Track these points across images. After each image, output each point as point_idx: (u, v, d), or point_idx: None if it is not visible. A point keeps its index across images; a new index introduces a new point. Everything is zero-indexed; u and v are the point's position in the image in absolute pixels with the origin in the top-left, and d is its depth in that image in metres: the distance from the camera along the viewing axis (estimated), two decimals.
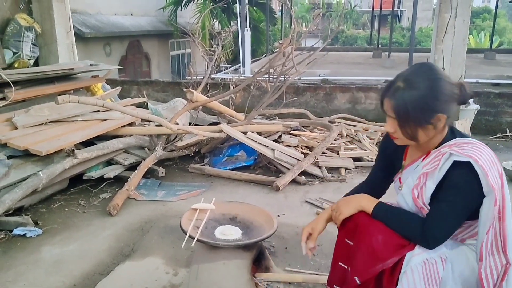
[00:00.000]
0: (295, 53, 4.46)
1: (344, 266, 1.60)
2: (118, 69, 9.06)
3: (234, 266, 1.98)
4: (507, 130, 5.29)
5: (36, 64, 5.63)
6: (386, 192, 1.83)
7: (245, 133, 4.01)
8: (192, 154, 4.28)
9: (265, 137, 4.14)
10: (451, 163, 1.39)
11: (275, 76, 4.71)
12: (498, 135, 5.30)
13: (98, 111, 4.05)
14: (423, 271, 1.39)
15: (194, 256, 2.11)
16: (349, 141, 4.61)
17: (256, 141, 3.93)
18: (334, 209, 1.60)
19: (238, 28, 10.49)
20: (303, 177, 3.72)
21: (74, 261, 2.44)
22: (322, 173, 3.83)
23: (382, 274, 1.45)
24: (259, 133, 4.15)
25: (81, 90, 4.72)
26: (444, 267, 1.40)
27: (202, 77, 5.04)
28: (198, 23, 7.98)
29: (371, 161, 4.11)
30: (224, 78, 6.36)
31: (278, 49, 4.98)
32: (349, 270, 1.50)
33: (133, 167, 3.67)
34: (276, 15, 18.17)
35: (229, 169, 3.93)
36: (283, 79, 4.67)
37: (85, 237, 2.73)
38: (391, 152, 1.70)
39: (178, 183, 3.70)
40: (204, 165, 4.08)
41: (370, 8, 23.89)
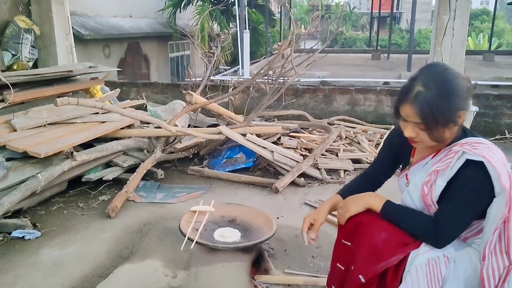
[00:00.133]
0: (294, 55, 4.46)
1: (341, 267, 1.60)
2: (117, 71, 9.07)
3: (233, 269, 1.98)
4: (506, 132, 5.29)
5: (35, 66, 5.64)
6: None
7: (244, 135, 4.01)
8: (191, 156, 4.28)
9: (264, 139, 4.15)
10: (464, 162, 1.39)
11: (274, 78, 4.72)
12: (497, 137, 5.30)
13: (97, 113, 4.05)
14: (427, 270, 1.39)
15: (193, 259, 2.11)
16: (348, 143, 4.62)
17: (255, 143, 3.93)
18: (341, 207, 1.59)
19: (237, 30, 10.51)
20: (302, 179, 3.72)
21: (73, 264, 2.44)
22: (321, 175, 3.83)
23: (386, 273, 1.45)
24: (258, 135, 4.15)
25: (80, 92, 4.72)
26: (447, 266, 1.41)
27: (201, 79, 5.04)
28: (197, 25, 8.00)
29: (370, 163, 4.10)
30: (223, 80, 6.36)
31: (277, 51, 4.98)
32: (353, 269, 1.50)
33: (132, 169, 3.67)
34: (275, 17, 18.21)
35: (228, 171, 3.93)
36: (282, 81, 4.67)
37: (84, 240, 2.73)
38: (398, 148, 1.70)
39: (177, 185, 3.70)
40: (203, 167, 4.08)
41: (369, 10, 23.89)
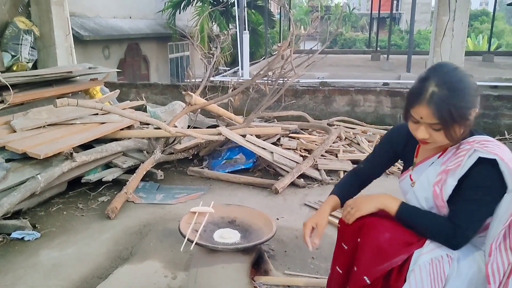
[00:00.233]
0: (294, 56, 4.46)
1: (340, 271, 1.60)
2: (117, 72, 9.09)
3: (233, 270, 1.97)
4: (506, 133, 5.29)
5: (35, 67, 5.64)
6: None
7: (244, 136, 4.01)
8: (191, 157, 4.28)
9: (264, 140, 4.14)
10: (475, 160, 1.38)
11: (274, 79, 4.72)
12: (497, 138, 5.30)
13: (97, 114, 4.04)
14: (430, 269, 1.39)
15: (193, 260, 2.11)
16: (348, 144, 4.61)
17: (255, 144, 3.93)
18: (351, 206, 1.57)
19: (237, 31, 10.51)
20: (302, 180, 3.71)
21: (73, 265, 2.43)
22: (321, 176, 3.83)
23: (390, 273, 1.45)
24: (258, 136, 4.15)
25: (80, 93, 4.71)
26: (450, 265, 1.41)
27: (201, 80, 5.04)
28: (197, 26, 8.01)
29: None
30: (223, 81, 6.35)
31: (277, 52, 4.99)
32: (356, 270, 1.50)
33: (132, 170, 3.67)
34: (275, 18, 18.23)
35: (228, 172, 3.93)
36: (282, 82, 4.67)
37: (84, 241, 2.73)
38: (400, 148, 1.68)
39: (177, 186, 3.70)
40: (203, 168, 4.07)
41: (369, 11, 23.93)
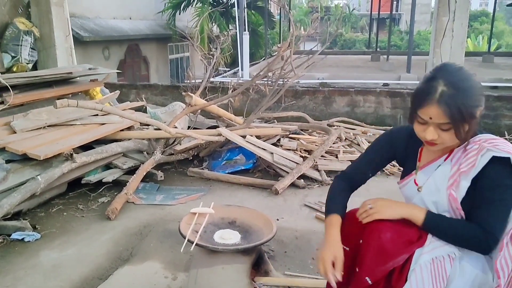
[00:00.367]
0: (294, 57, 4.47)
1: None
2: (117, 73, 9.10)
3: (233, 271, 1.97)
4: (506, 133, 5.28)
5: (35, 68, 5.64)
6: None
7: (244, 137, 4.01)
8: (191, 158, 4.28)
9: (264, 141, 4.14)
10: (489, 159, 1.37)
11: (274, 80, 4.72)
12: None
13: (97, 115, 4.05)
14: (432, 268, 1.39)
15: (193, 261, 2.10)
16: (348, 145, 4.61)
17: (255, 145, 3.93)
18: (369, 204, 1.53)
19: (237, 32, 10.52)
20: (302, 181, 3.71)
21: (73, 266, 2.43)
22: (321, 177, 3.83)
23: (392, 273, 1.45)
24: (258, 137, 4.15)
25: (80, 94, 4.71)
26: (452, 265, 1.40)
27: (201, 81, 5.04)
28: (197, 27, 8.03)
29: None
30: (223, 82, 6.35)
31: (277, 53, 4.99)
32: (358, 271, 1.49)
33: (132, 171, 3.67)
34: (275, 19, 18.23)
35: (228, 173, 3.93)
36: (282, 83, 4.68)
37: (84, 242, 2.73)
38: (401, 151, 1.65)
39: (177, 187, 3.70)
40: (203, 169, 4.07)
41: (369, 12, 23.92)
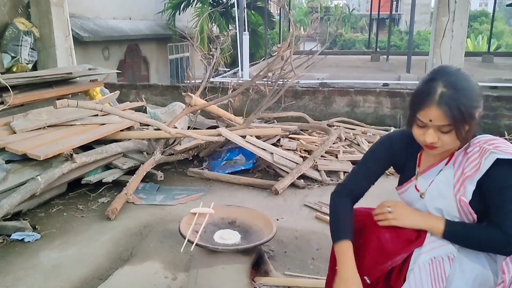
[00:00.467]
0: (294, 57, 4.47)
1: None
2: (117, 73, 9.09)
3: (233, 271, 1.97)
4: (505, 133, 5.28)
5: (35, 68, 5.64)
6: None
7: (244, 137, 4.01)
8: (191, 158, 4.28)
9: (264, 141, 4.14)
10: (493, 161, 1.37)
11: (274, 80, 4.72)
12: None
13: (97, 115, 4.05)
14: (430, 269, 1.39)
15: (193, 261, 2.10)
16: (348, 145, 4.61)
17: (255, 145, 3.93)
18: (389, 207, 1.51)
19: (237, 32, 10.53)
20: (302, 181, 3.71)
21: (73, 266, 2.43)
22: (321, 177, 3.83)
23: (390, 272, 1.45)
24: (258, 137, 4.15)
25: (80, 94, 4.71)
26: (451, 265, 1.40)
27: (201, 81, 5.05)
28: (197, 27, 8.03)
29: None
30: (223, 82, 6.36)
31: (277, 53, 4.99)
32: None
33: (132, 171, 3.67)
34: (275, 19, 18.24)
35: (228, 173, 3.93)
36: (282, 83, 4.68)
37: (84, 242, 2.73)
38: (400, 158, 1.62)
39: (177, 187, 3.70)
40: (203, 169, 4.07)
41: (368, 12, 23.95)
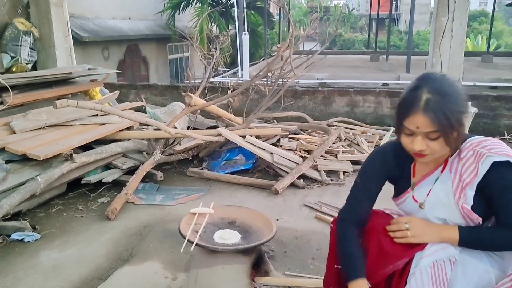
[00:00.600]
0: (293, 57, 4.47)
1: (339, 267, 1.60)
2: (116, 73, 9.09)
3: (233, 271, 1.97)
4: (505, 133, 5.29)
5: (34, 69, 5.63)
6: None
7: (244, 137, 4.01)
8: (191, 158, 4.28)
9: (264, 141, 4.14)
10: (490, 165, 1.37)
11: (273, 80, 4.72)
12: (497, 138, 5.30)
13: (96, 115, 4.04)
14: (432, 272, 1.39)
15: (193, 261, 2.10)
16: (348, 145, 4.62)
17: (255, 145, 3.93)
18: (407, 224, 1.47)
19: (236, 32, 10.52)
20: (302, 181, 3.71)
21: (73, 266, 2.43)
22: (321, 177, 3.83)
23: (392, 276, 1.45)
24: (258, 137, 4.15)
25: (79, 94, 4.71)
26: (452, 268, 1.40)
27: (200, 81, 5.04)
28: (196, 27, 8.03)
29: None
30: (223, 82, 6.36)
31: (276, 53, 5.00)
32: None
33: (132, 171, 3.66)
34: (274, 19, 18.23)
35: (228, 173, 3.93)
36: (281, 83, 4.68)
37: (84, 242, 2.72)
38: (394, 170, 1.59)
39: (177, 187, 3.70)
40: (203, 169, 4.07)
41: (368, 12, 23.96)
